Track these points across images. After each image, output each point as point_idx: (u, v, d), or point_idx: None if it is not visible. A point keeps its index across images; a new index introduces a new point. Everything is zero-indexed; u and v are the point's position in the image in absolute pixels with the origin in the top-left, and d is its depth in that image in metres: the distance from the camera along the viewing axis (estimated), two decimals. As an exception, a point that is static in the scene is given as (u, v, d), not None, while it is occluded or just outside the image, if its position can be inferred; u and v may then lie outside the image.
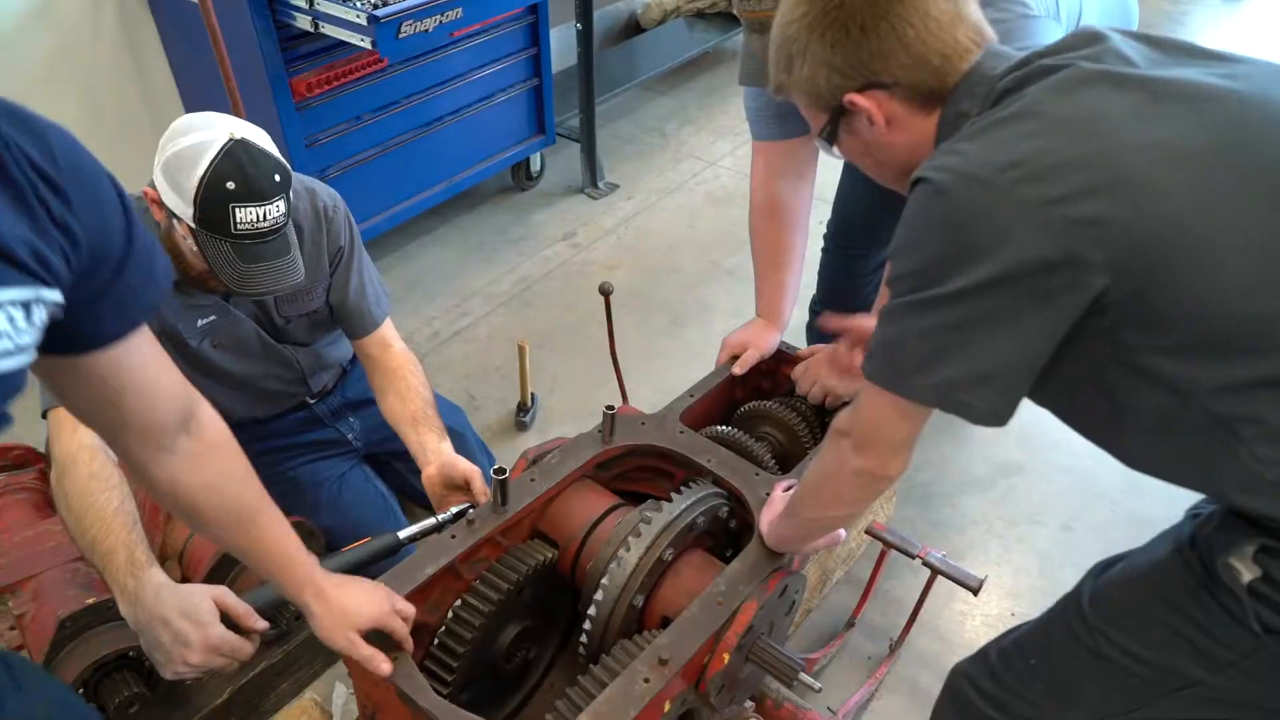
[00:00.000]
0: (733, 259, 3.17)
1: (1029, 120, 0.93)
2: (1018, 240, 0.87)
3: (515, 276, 3.09)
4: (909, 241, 0.97)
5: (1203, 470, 0.95)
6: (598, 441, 1.58)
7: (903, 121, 1.08)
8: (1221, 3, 5.41)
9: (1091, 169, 0.87)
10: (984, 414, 0.96)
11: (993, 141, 0.93)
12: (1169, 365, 0.89)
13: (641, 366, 2.66)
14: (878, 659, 1.91)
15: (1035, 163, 0.88)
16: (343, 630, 1.16)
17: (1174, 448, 0.96)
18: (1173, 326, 0.88)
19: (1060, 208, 0.86)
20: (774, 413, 1.77)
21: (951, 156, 0.94)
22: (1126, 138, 0.89)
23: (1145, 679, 1.04)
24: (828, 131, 1.13)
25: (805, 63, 1.08)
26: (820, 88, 1.09)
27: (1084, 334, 0.92)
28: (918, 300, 0.95)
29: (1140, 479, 1.05)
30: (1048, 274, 0.88)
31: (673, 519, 1.39)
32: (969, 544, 2.18)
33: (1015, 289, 0.89)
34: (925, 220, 0.95)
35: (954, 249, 0.91)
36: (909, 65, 1.04)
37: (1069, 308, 0.89)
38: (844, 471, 1.12)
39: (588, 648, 1.38)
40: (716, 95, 4.24)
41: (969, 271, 0.90)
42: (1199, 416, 0.90)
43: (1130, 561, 1.09)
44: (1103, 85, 0.93)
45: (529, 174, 3.50)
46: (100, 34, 2.66)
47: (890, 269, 1.01)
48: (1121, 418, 0.97)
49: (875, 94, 1.06)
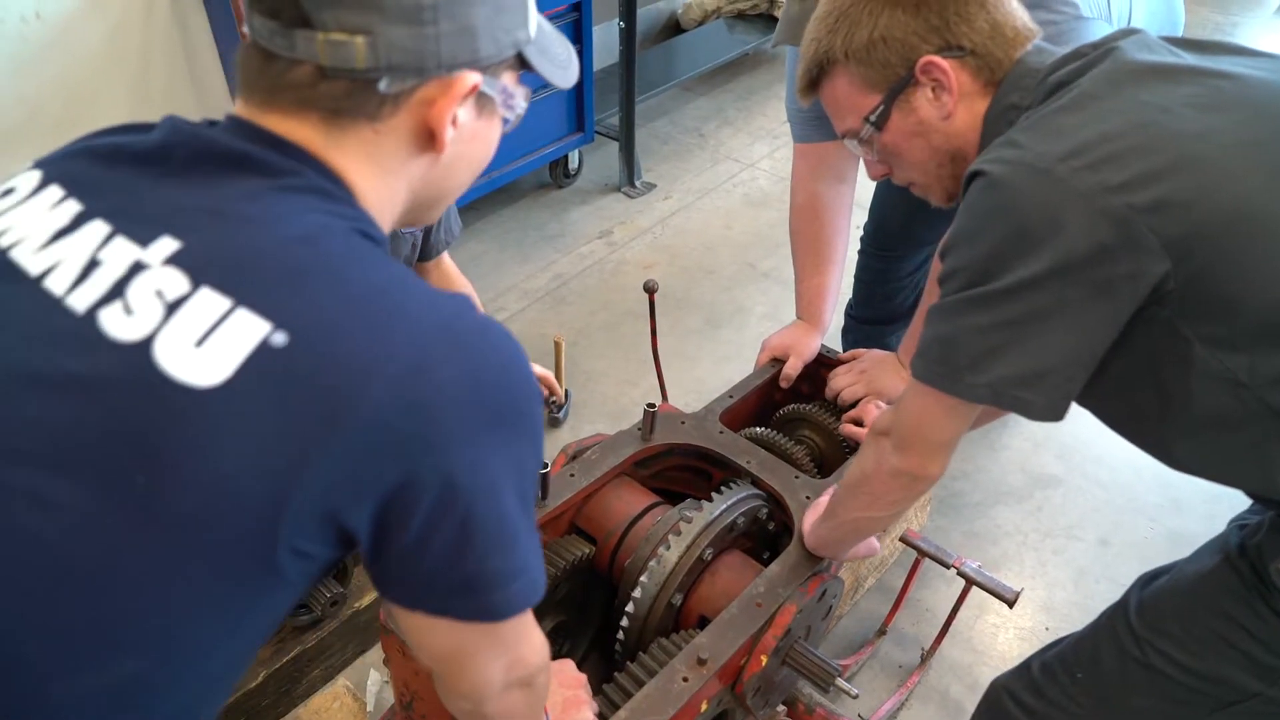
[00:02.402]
0: (769, 261, 3.16)
1: (1086, 109, 0.92)
2: (1078, 229, 0.86)
3: (551, 273, 3.10)
4: (963, 235, 0.96)
5: (1255, 464, 0.93)
6: (638, 439, 1.58)
7: (966, 97, 1.06)
8: (1275, 14, 5.30)
9: (1152, 155, 0.86)
10: (1042, 410, 0.94)
11: (1050, 131, 0.92)
12: (1225, 356, 0.88)
13: (675, 366, 2.66)
14: (909, 668, 1.89)
15: (1095, 151, 0.88)
16: None
17: (1225, 442, 0.94)
18: (1231, 314, 0.87)
19: (1121, 195, 0.85)
20: (813, 416, 1.76)
21: (1008, 149, 0.93)
22: (1185, 125, 0.88)
23: (1197, 691, 1.02)
24: (880, 112, 1.09)
25: (875, 25, 1.05)
26: (888, 54, 1.05)
27: (1140, 326, 0.90)
28: (972, 296, 0.93)
29: (1180, 496, 1.04)
30: (1109, 262, 0.86)
31: (714, 518, 1.39)
32: (1003, 555, 2.16)
33: (1075, 280, 0.88)
34: (981, 213, 0.93)
35: (1011, 241, 0.90)
36: (987, 32, 1.03)
37: (1129, 297, 0.88)
38: (882, 471, 1.11)
39: (624, 645, 1.38)
40: (755, 97, 4.23)
41: (1027, 264, 0.88)
42: (1254, 407, 0.89)
43: (1178, 572, 1.07)
44: (1156, 74, 0.93)
45: (567, 171, 3.51)
46: (152, 22, 2.70)
47: (942, 265, 0.99)
48: (1173, 412, 0.96)
49: (952, 59, 1.04)
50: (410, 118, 0.70)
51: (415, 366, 0.60)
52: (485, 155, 0.79)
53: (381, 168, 0.71)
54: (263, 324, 0.58)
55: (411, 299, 0.63)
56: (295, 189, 0.65)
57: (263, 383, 0.57)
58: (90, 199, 0.66)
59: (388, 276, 0.64)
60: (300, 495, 0.58)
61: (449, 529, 0.64)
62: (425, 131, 0.71)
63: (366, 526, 0.63)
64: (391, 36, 0.65)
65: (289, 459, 0.58)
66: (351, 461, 0.59)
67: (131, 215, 0.64)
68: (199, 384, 0.57)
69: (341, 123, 0.68)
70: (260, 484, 0.57)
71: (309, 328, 0.58)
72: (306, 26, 0.64)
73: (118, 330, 0.59)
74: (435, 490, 0.63)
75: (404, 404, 0.59)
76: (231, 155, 0.65)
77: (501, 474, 0.66)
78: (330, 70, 0.65)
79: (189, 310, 0.59)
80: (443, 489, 0.63)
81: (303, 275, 0.60)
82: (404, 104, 0.69)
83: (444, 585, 0.68)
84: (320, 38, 0.64)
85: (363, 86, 0.67)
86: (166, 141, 0.67)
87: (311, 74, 0.66)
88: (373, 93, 0.67)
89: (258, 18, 0.66)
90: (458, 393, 0.62)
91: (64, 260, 0.63)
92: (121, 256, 0.62)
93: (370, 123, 0.69)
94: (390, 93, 0.68)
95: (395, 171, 0.72)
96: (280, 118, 0.68)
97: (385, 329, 0.60)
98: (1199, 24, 5.13)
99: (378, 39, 0.64)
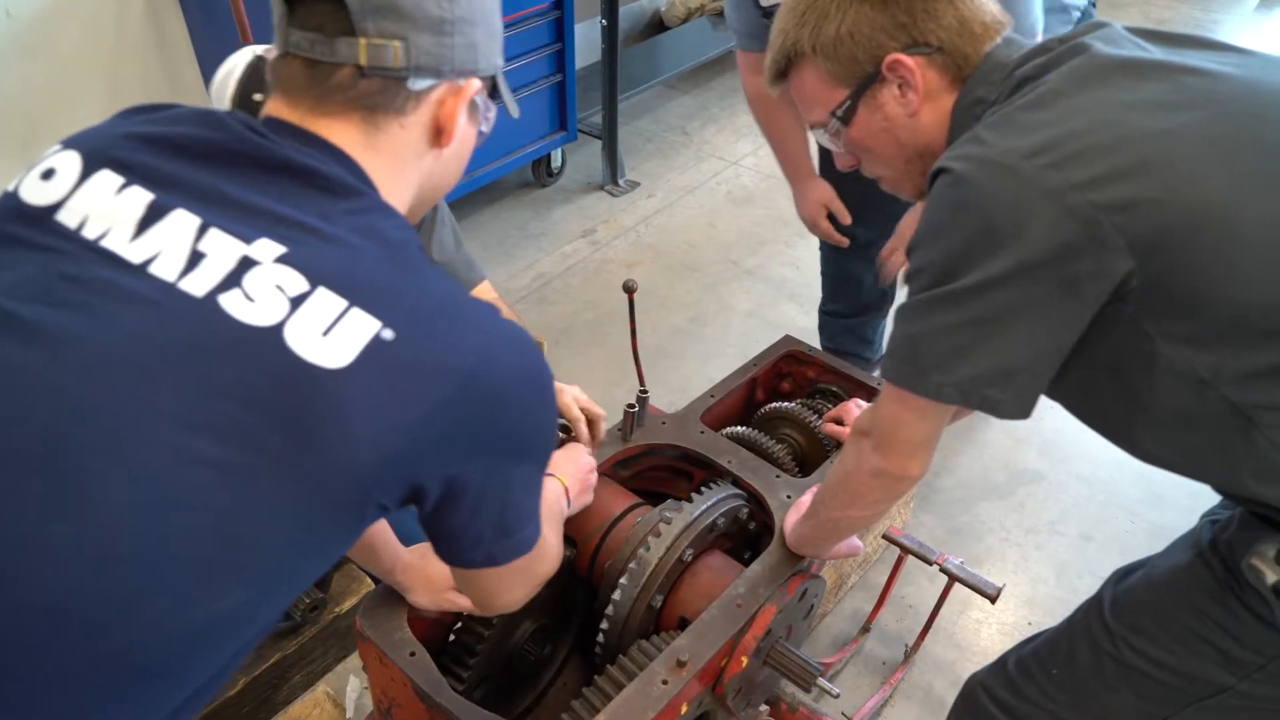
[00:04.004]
0: (753, 259, 3.15)
1: (1052, 106, 0.91)
2: (1042, 227, 0.86)
3: (534, 273, 3.09)
4: (929, 233, 0.95)
5: (1219, 459, 0.93)
6: (618, 440, 1.57)
7: (933, 95, 1.05)
8: (1256, 10, 5.34)
9: (1118, 153, 0.86)
10: (1011, 409, 0.94)
11: (1016, 128, 0.91)
12: (1190, 353, 0.88)
13: (660, 364, 2.66)
14: (892, 665, 1.90)
15: (1060, 148, 0.87)
16: (437, 595, 1.27)
17: (1190, 438, 0.94)
18: (1195, 313, 0.87)
19: (1086, 192, 0.85)
20: (794, 414, 1.75)
21: (974, 146, 0.92)
22: (1151, 122, 0.88)
23: (1171, 687, 1.02)
24: (846, 108, 1.08)
25: (842, 19, 1.04)
26: (855, 50, 1.04)
27: (1104, 323, 0.90)
28: (938, 295, 0.93)
29: (1161, 490, 1.04)
30: (1073, 260, 0.86)
31: (693, 519, 1.38)
32: (986, 551, 2.16)
33: (1040, 278, 0.87)
34: (946, 210, 0.93)
35: (976, 239, 0.89)
36: (955, 29, 1.02)
37: (1094, 295, 0.88)
38: (863, 471, 1.10)
39: (604, 647, 1.37)
40: (739, 95, 4.18)
41: (992, 262, 0.88)
42: (1218, 405, 0.89)
43: (1151, 568, 1.08)
44: (1123, 70, 0.92)
45: (550, 170, 3.50)
46: (125, 25, 2.67)
47: (909, 262, 0.99)
48: (1138, 408, 0.96)
49: (918, 57, 1.03)
50: (428, 113, 0.83)
51: (474, 372, 0.73)
52: (467, 156, 0.93)
53: (402, 160, 0.84)
54: (374, 321, 0.70)
55: (471, 310, 0.78)
56: (362, 210, 0.78)
57: (378, 368, 0.69)
58: (159, 188, 0.74)
59: (450, 285, 0.78)
60: (397, 463, 0.71)
61: (494, 499, 0.81)
62: (436, 127, 0.84)
63: (435, 495, 0.77)
64: (421, 43, 0.79)
65: (396, 433, 0.70)
66: (427, 438, 0.72)
67: (221, 212, 0.73)
68: (329, 365, 0.68)
69: (377, 119, 0.80)
70: (371, 452, 0.69)
71: (409, 325, 0.71)
72: (349, 35, 0.77)
73: (243, 315, 0.69)
74: (483, 473, 0.78)
75: (464, 401, 0.73)
76: (297, 168, 0.76)
77: (531, 461, 0.84)
78: (369, 69, 0.78)
79: (312, 305, 0.69)
80: (489, 473, 0.79)
81: (398, 283, 0.74)
82: (424, 100, 0.82)
83: (490, 538, 0.84)
84: (363, 42, 0.77)
85: (394, 84, 0.80)
86: (227, 142, 0.76)
87: (351, 74, 0.78)
88: (401, 89, 0.80)
89: (298, 32, 0.78)
90: (506, 397, 0.77)
91: (165, 250, 0.71)
92: (227, 250, 0.71)
93: (398, 117, 0.81)
94: (415, 90, 0.81)
95: (411, 164, 0.85)
96: (328, 120, 0.79)
97: (458, 333, 0.74)
98: (1180, 20, 5.16)
99: (410, 44, 0.79)
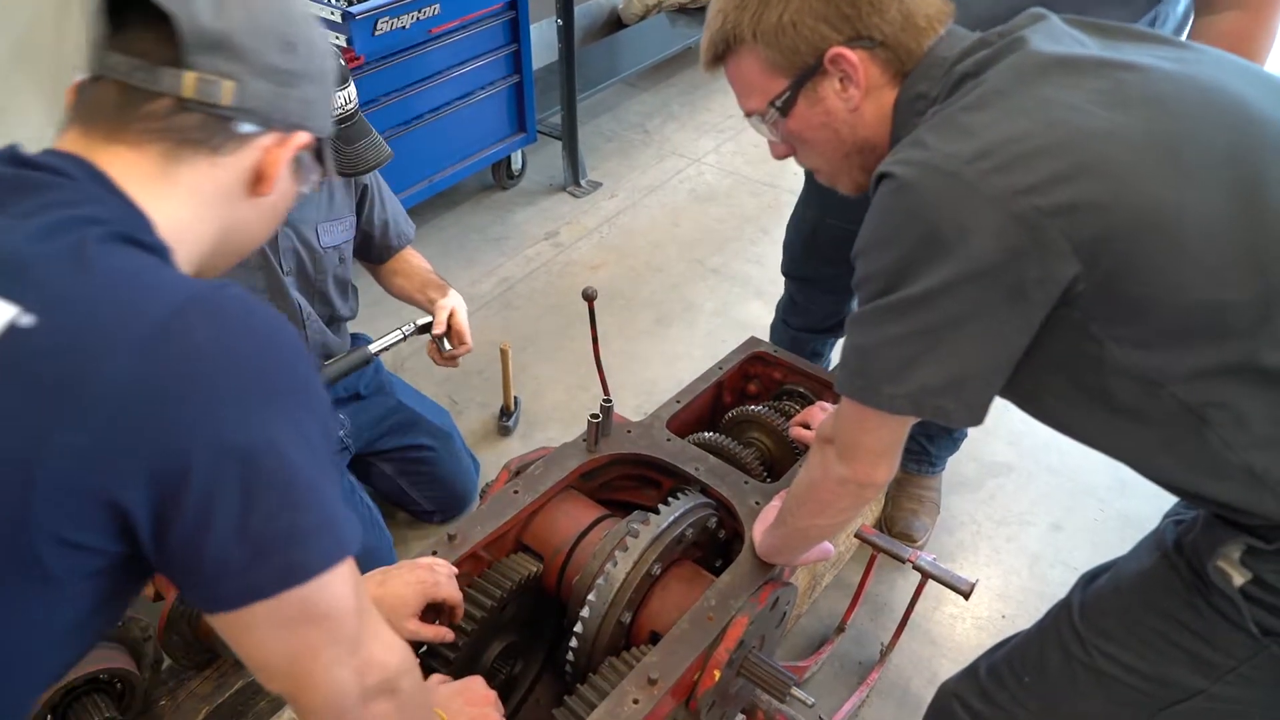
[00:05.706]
0: (717, 257, 3.13)
1: (993, 107, 0.90)
2: (987, 233, 0.84)
3: (497, 277, 3.04)
4: (874, 241, 0.93)
5: (1172, 460, 0.93)
6: (582, 450, 1.54)
7: (874, 90, 1.03)
8: None
9: (1061, 156, 0.85)
10: (962, 417, 0.93)
11: (957, 131, 0.89)
12: (1138, 355, 0.87)
13: (627, 367, 2.63)
14: (868, 664, 1.89)
15: (1003, 152, 0.85)
16: (400, 623, 1.17)
17: (1145, 436, 0.94)
18: (1142, 315, 0.86)
19: (1031, 197, 0.84)
20: (761, 418, 1.73)
21: (916, 150, 0.90)
22: (1093, 123, 0.86)
23: (1143, 692, 1.02)
24: (785, 99, 1.05)
25: (785, 7, 1.01)
26: (797, 41, 1.01)
27: (1053, 327, 0.89)
28: (886, 305, 0.91)
29: (1127, 477, 1.04)
30: (1019, 266, 0.85)
31: (660, 531, 1.36)
32: (958, 545, 2.16)
33: (986, 284, 0.86)
34: (890, 217, 0.91)
35: (921, 247, 0.88)
36: (899, 23, 1.00)
37: (1041, 300, 0.87)
38: (829, 480, 1.08)
39: (574, 665, 1.34)
40: (700, 91, 4.20)
41: (937, 270, 0.86)
42: (1169, 404, 0.88)
43: (1118, 571, 1.07)
44: (1062, 68, 0.91)
45: (510, 172, 3.45)
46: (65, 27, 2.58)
47: (856, 270, 0.97)
48: (1090, 409, 0.95)
49: (861, 51, 1.01)
50: (249, 158, 0.80)
51: (162, 330, 0.61)
52: (283, 212, 0.88)
53: (203, 198, 0.78)
54: (10, 308, 0.60)
55: (166, 279, 0.66)
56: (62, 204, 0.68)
57: (6, 364, 0.58)
58: None
59: (144, 264, 0.67)
60: (45, 475, 0.57)
61: (229, 495, 0.62)
62: (257, 174, 0.81)
63: (145, 508, 0.61)
64: (255, 88, 0.77)
65: (28, 437, 0.57)
66: (101, 432, 0.58)
67: None
68: None
69: (182, 153, 0.75)
70: (2, 468, 0.56)
71: (56, 306, 0.60)
72: (174, 66, 0.73)
73: None
74: (204, 456, 0.61)
75: (151, 368, 0.60)
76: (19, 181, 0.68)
77: (281, 434, 0.64)
78: (192, 103, 0.74)
79: None
80: (213, 454, 0.61)
81: (52, 263, 0.62)
82: (247, 145, 0.79)
83: (240, 558, 0.63)
84: (191, 75, 0.73)
85: (216, 122, 0.76)
86: None
87: (169, 105, 0.74)
88: (222, 127, 0.77)
89: (117, 55, 0.74)
90: (215, 354, 0.62)
91: None
92: None
93: (211, 154, 0.77)
94: (240, 133, 0.78)
95: (215, 206, 0.79)
96: (118, 149, 0.74)
97: (132, 302, 0.62)
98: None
99: (244, 86, 0.76)
